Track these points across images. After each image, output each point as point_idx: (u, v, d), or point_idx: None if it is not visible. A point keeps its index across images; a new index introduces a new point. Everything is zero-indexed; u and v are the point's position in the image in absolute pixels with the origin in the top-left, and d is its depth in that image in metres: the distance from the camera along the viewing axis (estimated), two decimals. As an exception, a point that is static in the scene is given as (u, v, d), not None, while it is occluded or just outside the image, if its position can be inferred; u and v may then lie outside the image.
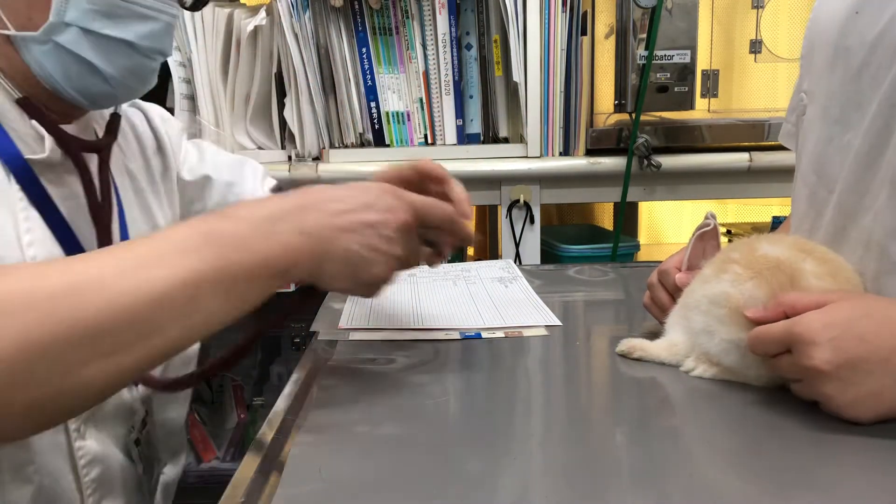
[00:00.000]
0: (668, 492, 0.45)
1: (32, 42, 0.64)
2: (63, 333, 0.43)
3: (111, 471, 0.72)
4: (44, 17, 0.63)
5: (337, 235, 0.55)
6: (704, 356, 0.63)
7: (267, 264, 0.52)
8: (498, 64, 1.41)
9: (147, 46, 0.69)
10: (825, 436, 0.52)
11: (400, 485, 0.47)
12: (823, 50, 0.66)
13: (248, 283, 0.51)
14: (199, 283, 0.48)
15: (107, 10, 0.65)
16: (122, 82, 0.69)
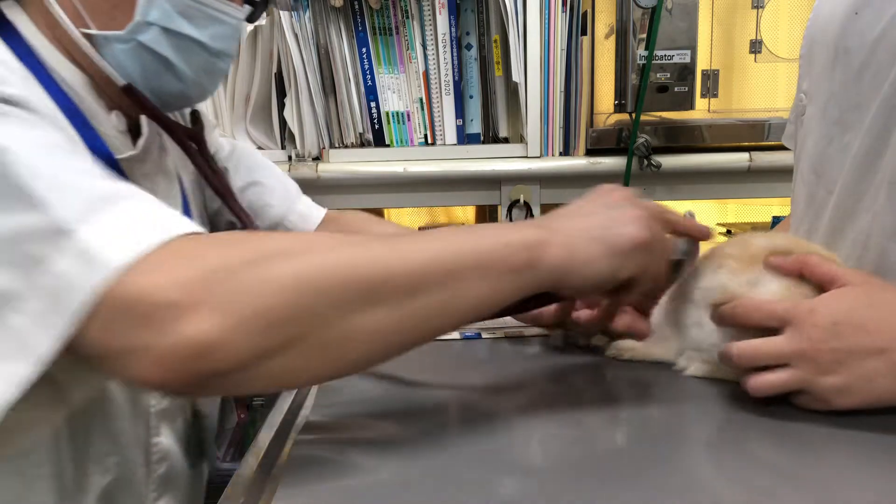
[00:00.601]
0: (668, 492, 0.45)
1: (115, 41, 0.66)
2: (341, 276, 0.46)
3: (174, 468, 0.74)
4: (126, 17, 0.65)
5: (579, 222, 0.56)
6: (696, 353, 0.63)
7: (519, 248, 0.52)
8: (498, 64, 1.41)
9: (217, 48, 0.71)
10: (824, 436, 0.52)
11: (400, 485, 0.47)
12: (823, 50, 0.66)
13: (501, 268, 0.51)
14: (458, 258, 0.50)
15: (185, 10, 0.67)
16: (195, 81, 0.71)
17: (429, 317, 0.50)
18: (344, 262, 0.47)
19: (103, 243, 0.45)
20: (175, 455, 0.75)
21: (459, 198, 1.44)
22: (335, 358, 0.48)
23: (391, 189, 1.40)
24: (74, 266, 0.44)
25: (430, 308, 0.49)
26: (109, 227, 0.46)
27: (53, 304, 0.45)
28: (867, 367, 0.51)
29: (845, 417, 0.53)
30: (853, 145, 0.62)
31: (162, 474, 0.72)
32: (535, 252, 0.52)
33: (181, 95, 0.73)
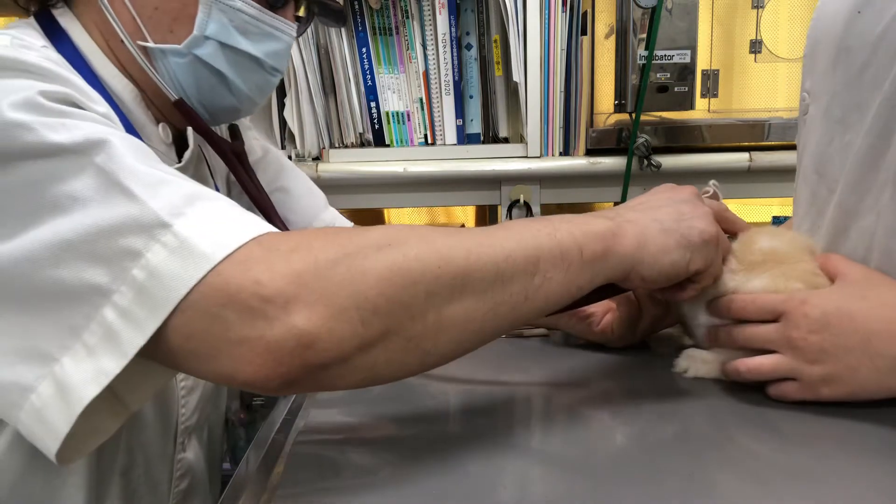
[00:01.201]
0: (668, 492, 0.45)
1: (172, 54, 0.67)
2: (433, 266, 0.47)
3: (195, 482, 0.75)
4: (185, 31, 0.67)
5: (650, 214, 0.57)
6: (696, 353, 0.63)
7: (595, 238, 0.53)
8: (498, 64, 1.41)
9: (270, 64, 0.73)
10: (821, 436, 0.52)
11: (400, 485, 0.47)
12: (826, 50, 0.66)
13: (578, 258, 0.52)
14: (539, 248, 0.51)
15: (242, 26, 0.69)
16: (248, 96, 0.73)
17: (513, 306, 0.50)
18: (436, 253, 0.47)
19: (200, 237, 0.45)
20: (198, 469, 0.75)
21: (459, 198, 1.44)
22: (429, 348, 0.48)
23: (391, 189, 1.40)
24: (173, 259, 0.44)
25: (514, 297, 0.50)
26: (204, 222, 0.46)
27: (149, 297, 0.44)
28: (852, 356, 0.52)
29: (847, 417, 0.53)
30: (855, 144, 0.62)
31: (183, 489, 0.72)
32: (609, 242, 0.53)
33: (232, 109, 0.74)
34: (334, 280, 0.44)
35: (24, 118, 0.47)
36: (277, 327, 0.43)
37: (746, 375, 0.57)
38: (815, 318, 0.54)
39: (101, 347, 0.45)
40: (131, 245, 0.45)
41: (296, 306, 0.43)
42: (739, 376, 0.57)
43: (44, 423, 0.45)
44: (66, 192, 0.46)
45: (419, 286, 0.46)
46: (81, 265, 0.45)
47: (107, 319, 0.45)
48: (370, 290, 0.45)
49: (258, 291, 0.43)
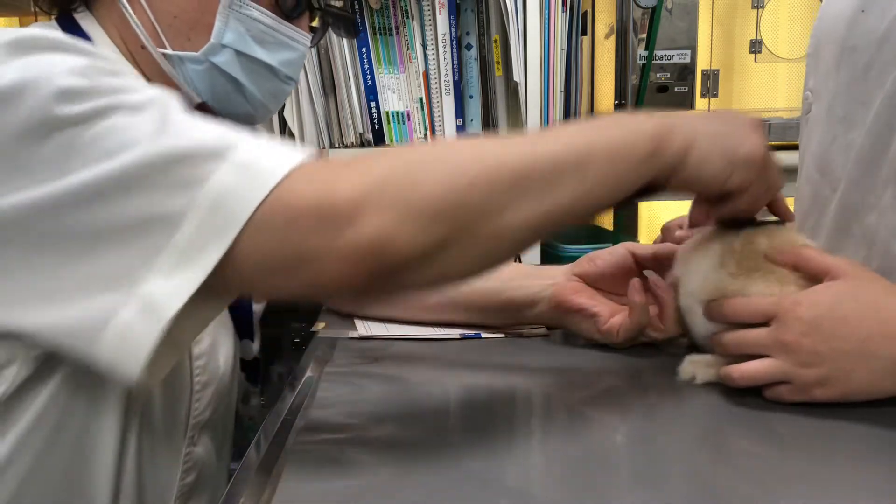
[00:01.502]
0: (668, 492, 0.45)
1: (190, 61, 0.69)
2: (491, 169, 0.49)
3: (203, 476, 0.74)
4: (202, 39, 0.68)
5: (702, 124, 0.57)
6: (700, 358, 0.62)
7: (646, 137, 0.54)
8: (498, 64, 1.41)
9: (285, 72, 0.74)
10: (819, 436, 0.52)
11: (400, 485, 0.47)
12: (829, 49, 0.66)
13: (629, 156, 0.53)
14: (590, 147, 0.52)
15: (258, 35, 0.70)
16: (262, 103, 0.74)
17: (569, 204, 0.52)
18: (491, 155, 0.50)
19: (262, 158, 0.48)
20: (208, 465, 0.75)
21: (459, 198, 1.43)
22: (493, 247, 0.50)
23: (391, 189, 1.40)
24: (239, 177, 0.47)
25: (568, 195, 0.51)
26: (262, 147, 0.49)
27: (221, 215, 0.46)
28: (846, 358, 0.52)
29: (843, 417, 0.53)
30: (857, 143, 0.62)
31: (190, 482, 0.72)
32: (658, 142, 0.54)
33: (247, 116, 0.74)
34: (398, 184, 0.47)
35: (84, 83, 0.50)
36: (350, 232, 0.45)
37: (740, 382, 0.56)
38: (807, 320, 0.53)
39: (180, 267, 0.47)
40: (197, 170, 0.47)
41: (365, 211, 0.46)
42: (733, 382, 0.57)
43: (127, 344, 0.47)
44: (129, 137, 0.48)
45: (477, 187, 0.48)
46: (150, 195, 0.47)
47: (182, 241, 0.47)
48: (435, 190, 0.47)
49: (328, 199, 0.46)
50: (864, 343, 0.52)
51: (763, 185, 0.59)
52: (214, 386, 0.72)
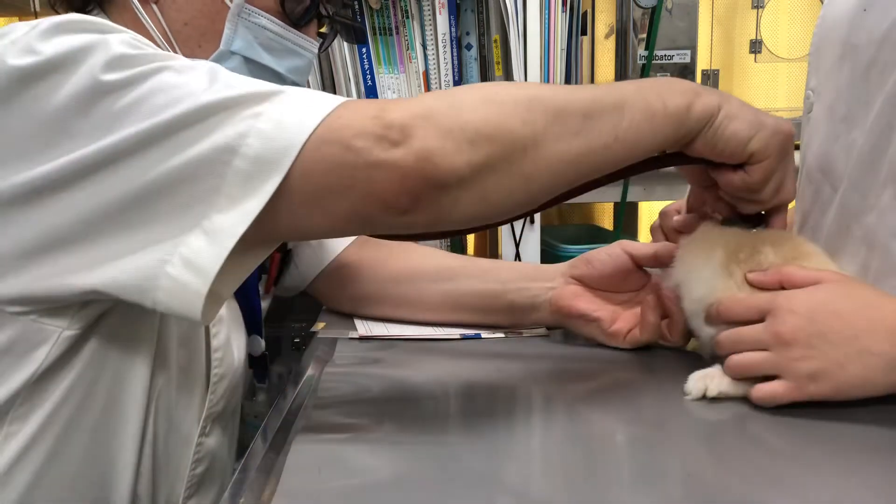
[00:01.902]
0: (668, 492, 0.45)
1: None
2: (526, 100, 0.52)
3: (213, 469, 0.75)
4: (212, 46, 0.71)
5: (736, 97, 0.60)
6: (711, 371, 0.61)
7: (677, 92, 0.57)
8: (498, 64, 1.41)
9: (292, 79, 0.75)
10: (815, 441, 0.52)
11: (400, 485, 0.47)
12: (831, 48, 0.66)
13: (660, 108, 0.56)
14: (625, 96, 0.55)
15: (266, 43, 0.72)
16: None
17: (604, 145, 0.54)
18: (534, 92, 0.54)
19: (312, 96, 0.52)
20: (219, 456, 0.75)
21: (459, 198, 1.43)
22: (531, 176, 0.53)
23: (391, 189, 1.40)
24: (292, 111, 0.50)
25: (605, 135, 0.54)
26: (308, 93, 0.52)
27: (278, 142, 0.49)
28: (840, 353, 0.52)
29: (840, 418, 0.53)
30: (858, 143, 0.62)
31: (200, 473, 0.73)
32: (691, 99, 0.56)
33: None
34: (442, 111, 0.51)
35: (132, 51, 0.52)
36: (398, 150, 0.49)
37: (734, 372, 0.57)
38: (802, 313, 0.54)
39: (241, 196, 0.49)
40: (252, 108, 0.50)
41: (413, 132, 0.49)
42: (729, 373, 0.57)
43: (194, 269, 0.49)
44: (181, 92, 0.51)
45: (517, 116, 0.51)
46: (207, 135, 0.50)
47: (243, 167, 0.49)
48: (474, 115, 0.51)
49: (379, 122, 0.49)
50: (857, 338, 0.52)
51: (780, 164, 0.59)
52: (229, 379, 0.73)
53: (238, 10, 0.70)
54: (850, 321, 0.53)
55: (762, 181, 0.59)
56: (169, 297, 0.50)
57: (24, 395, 0.57)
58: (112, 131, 0.50)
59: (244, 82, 0.52)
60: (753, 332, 0.56)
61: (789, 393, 0.54)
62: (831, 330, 0.53)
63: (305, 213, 0.51)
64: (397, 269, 0.85)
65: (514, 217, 0.58)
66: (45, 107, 0.51)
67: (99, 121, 0.51)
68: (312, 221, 0.52)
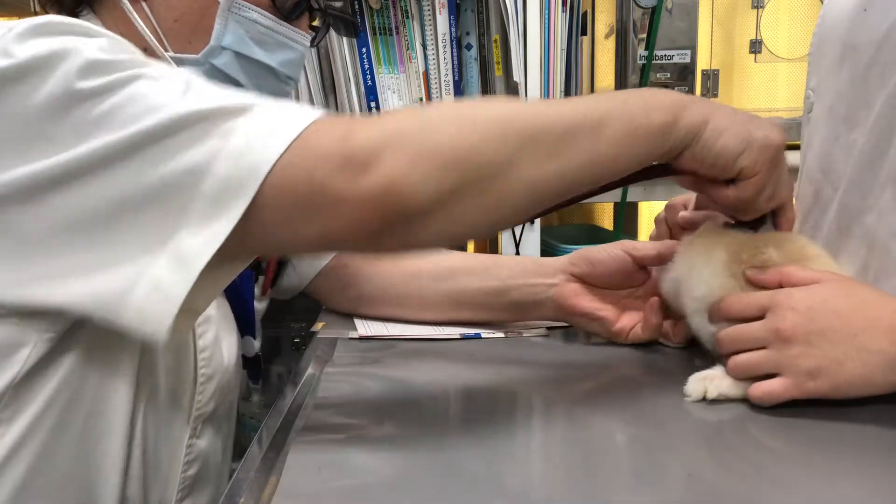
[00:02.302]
0: (668, 492, 0.45)
1: (190, 63, 0.69)
2: (503, 123, 0.51)
3: (207, 470, 0.75)
4: (202, 41, 0.70)
5: (724, 107, 0.59)
6: (711, 373, 0.61)
7: (663, 108, 0.55)
8: (498, 64, 1.41)
9: (285, 73, 0.75)
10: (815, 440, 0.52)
11: (400, 485, 0.47)
12: (831, 48, 0.66)
13: (645, 125, 0.54)
14: (608, 112, 0.53)
15: (257, 37, 0.71)
16: None
17: (580, 166, 0.52)
18: (507, 113, 0.52)
19: (282, 113, 0.51)
20: (212, 458, 0.75)
21: (459, 198, 1.43)
22: (502, 204, 0.51)
23: (391, 189, 1.40)
24: (263, 129, 0.49)
25: (581, 157, 0.52)
26: (282, 107, 0.52)
27: (246, 163, 0.48)
28: (838, 350, 0.53)
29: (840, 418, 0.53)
30: (859, 143, 0.62)
31: (192, 475, 0.72)
32: (678, 110, 0.55)
33: None
34: (413, 134, 0.49)
35: (107, 57, 0.52)
36: (366, 176, 0.47)
37: (734, 371, 0.57)
38: (801, 311, 0.54)
39: (209, 218, 0.48)
40: (222, 125, 0.49)
41: (381, 157, 0.47)
42: (733, 374, 0.57)
43: (161, 294, 0.49)
44: (153, 102, 0.50)
45: (490, 140, 0.50)
46: (176, 153, 0.49)
47: (210, 190, 0.48)
48: (445, 138, 0.49)
49: (347, 146, 0.48)
50: (856, 336, 0.52)
51: (772, 177, 0.59)
52: (217, 379, 0.73)
53: (228, 5, 0.69)
54: (850, 319, 0.53)
55: (754, 195, 0.59)
56: (138, 320, 0.50)
57: (9, 397, 0.56)
58: (84, 141, 0.49)
59: (216, 94, 0.52)
60: (753, 329, 0.56)
61: (788, 390, 0.54)
62: (830, 328, 0.53)
63: (276, 233, 0.51)
64: (397, 268, 0.85)
65: (494, 233, 0.57)
66: (18, 111, 0.50)
67: (72, 128, 0.50)
68: (284, 241, 0.52)
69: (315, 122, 0.49)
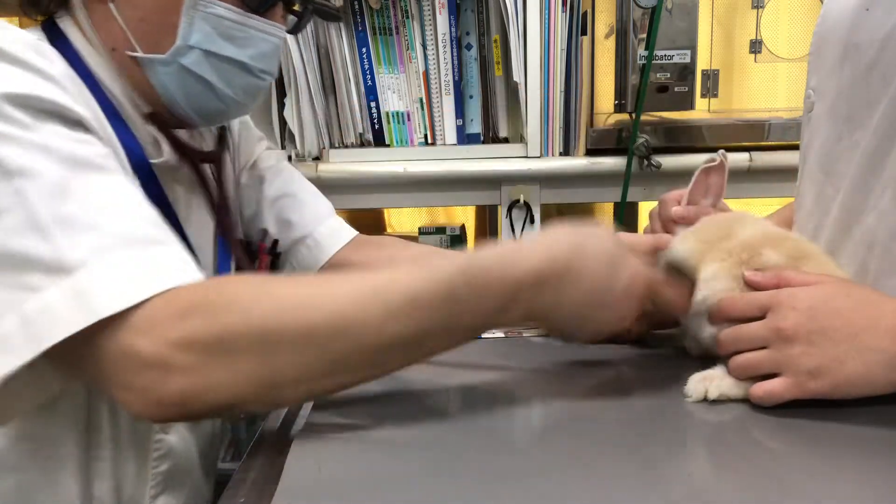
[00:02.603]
0: (668, 492, 0.45)
1: (159, 63, 0.68)
2: (283, 325, 0.50)
3: (179, 466, 0.74)
4: (170, 41, 0.67)
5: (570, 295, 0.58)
6: (712, 373, 0.60)
7: (495, 313, 0.55)
8: (498, 64, 1.41)
9: (258, 67, 0.72)
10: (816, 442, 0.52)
11: (399, 485, 0.47)
12: (833, 47, 0.66)
13: (474, 331, 0.57)
14: (428, 334, 0.54)
15: (226, 33, 0.69)
16: (235, 101, 0.73)
17: (379, 376, 0.55)
18: (310, 319, 0.51)
19: (98, 290, 0.49)
20: (185, 455, 0.75)
21: (459, 198, 1.44)
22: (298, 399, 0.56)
23: (391, 189, 1.40)
24: (64, 304, 0.49)
25: (386, 370, 0.55)
26: (109, 275, 0.50)
27: (32, 331, 0.49)
28: (840, 350, 0.53)
29: (840, 419, 0.53)
30: (862, 144, 0.62)
31: (164, 471, 0.72)
32: (504, 303, 0.55)
33: (222, 113, 0.74)
34: (207, 346, 0.49)
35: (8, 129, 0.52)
36: (156, 389, 0.49)
37: (736, 371, 0.57)
38: (802, 310, 0.54)
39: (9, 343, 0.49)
40: (29, 280, 0.49)
41: (173, 372, 0.49)
42: (734, 374, 0.57)
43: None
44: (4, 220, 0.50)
45: (287, 361, 0.50)
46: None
47: (7, 328, 0.49)
48: (242, 359, 0.49)
49: (140, 355, 0.49)
50: (857, 336, 0.52)
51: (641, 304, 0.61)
52: None
53: (193, 2, 0.67)
54: (851, 319, 0.53)
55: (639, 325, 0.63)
56: None
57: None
58: None
59: (58, 232, 0.50)
60: (754, 328, 0.56)
61: (789, 390, 0.54)
62: (832, 327, 0.53)
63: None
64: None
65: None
66: None
67: None
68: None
69: (124, 314, 0.49)
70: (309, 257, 0.89)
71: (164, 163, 0.71)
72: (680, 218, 0.71)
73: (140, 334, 0.49)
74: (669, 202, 0.74)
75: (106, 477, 0.68)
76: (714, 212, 0.72)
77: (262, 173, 0.90)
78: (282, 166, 0.93)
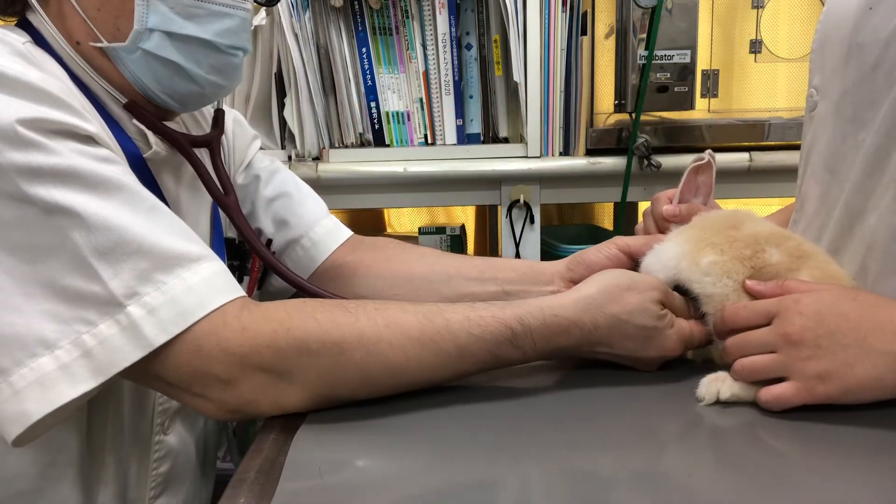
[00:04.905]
0: (668, 493, 0.45)
1: (123, 52, 0.67)
2: (322, 338, 0.57)
3: (179, 466, 0.74)
4: (129, 27, 0.66)
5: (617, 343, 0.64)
6: (722, 374, 0.60)
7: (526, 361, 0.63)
8: (498, 64, 1.41)
9: (225, 43, 0.70)
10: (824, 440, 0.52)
11: (400, 484, 0.47)
12: (836, 46, 0.66)
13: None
14: (464, 374, 0.62)
15: (184, 11, 0.67)
16: (208, 80, 0.71)
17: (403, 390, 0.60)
18: (323, 329, 0.57)
19: (149, 322, 0.54)
20: (184, 456, 0.75)
21: (459, 198, 1.44)
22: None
23: (391, 189, 1.40)
24: (121, 336, 0.53)
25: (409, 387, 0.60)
26: (158, 300, 0.55)
27: (92, 362, 0.53)
28: (848, 353, 0.52)
29: (845, 422, 0.53)
30: (866, 143, 0.62)
31: (164, 472, 0.72)
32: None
33: (198, 95, 0.72)
34: (267, 367, 0.56)
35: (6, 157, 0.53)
36: (227, 400, 0.56)
37: (742, 374, 0.56)
38: (809, 315, 0.54)
39: (30, 391, 0.52)
40: (84, 315, 0.53)
41: (239, 383, 0.55)
42: (736, 376, 0.57)
43: (14, 415, 0.52)
44: (37, 242, 0.53)
45: (348, 384, 0.58)
46: (36, 315, 0.53)
47: (44, 369, 0.52)
48: (302, 384, 0.57)
49: (203, 371, 0.55)
50: (865, 339, 0.52)
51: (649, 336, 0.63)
52: None
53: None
54: (858, 322, 0.53)
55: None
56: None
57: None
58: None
59: (104, 268, 0.54)
60: (761, 334, 0.56)
61: (797, 395, 0.53)
62: (839, 330, 0.52)
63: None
64: (392, 271, 0.84)
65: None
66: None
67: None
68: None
69: (177, 338, 0.54)
70: (304, 257, 0.88)
71: (155, 154, 0.70)
72: (671, 216, 0.71)
73: (194, 355, 0.54)
74: (661, 200, 0.75)
75: (108, 482, 0.68)
76: (706, 209, 0.72)
77: (259, 173, 0.89)
78: (277, 167, 0.92)
